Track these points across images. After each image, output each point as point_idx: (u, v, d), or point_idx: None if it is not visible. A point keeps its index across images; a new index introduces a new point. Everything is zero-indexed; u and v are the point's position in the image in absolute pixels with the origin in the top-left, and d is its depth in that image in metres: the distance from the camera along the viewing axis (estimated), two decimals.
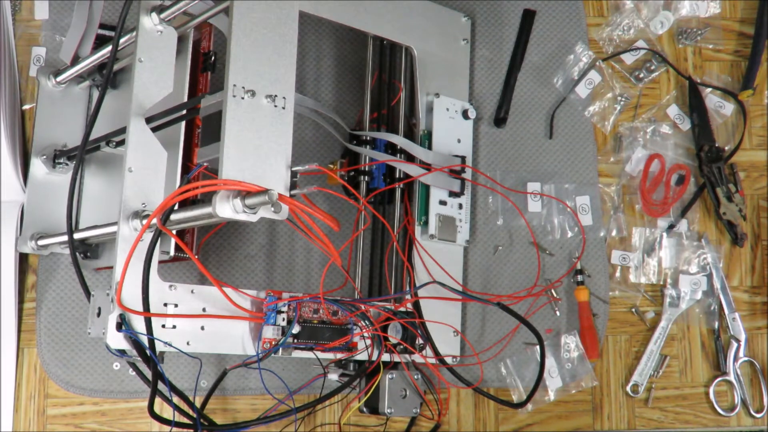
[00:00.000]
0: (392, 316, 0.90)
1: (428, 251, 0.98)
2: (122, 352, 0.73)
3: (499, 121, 1.09)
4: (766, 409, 1.06)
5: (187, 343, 0.76)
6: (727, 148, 1.11)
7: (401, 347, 0.90)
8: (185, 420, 0.76)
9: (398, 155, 0.98)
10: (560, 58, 1.12)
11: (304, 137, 1.04)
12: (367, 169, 0.98)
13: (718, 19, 1.16)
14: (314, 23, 1.07)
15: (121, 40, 0.83)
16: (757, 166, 1.13)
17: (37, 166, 0.95)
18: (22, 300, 0.96)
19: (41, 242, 0.93)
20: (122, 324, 0.71)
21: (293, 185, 0.73)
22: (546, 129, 1.10)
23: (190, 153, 0.84)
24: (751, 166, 1.13)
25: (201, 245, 0.97)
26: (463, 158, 1.00)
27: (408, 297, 0.95)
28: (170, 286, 0.76)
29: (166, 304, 0.75)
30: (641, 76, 1.13)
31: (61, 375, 0.95)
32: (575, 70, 1.12)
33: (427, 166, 0.98)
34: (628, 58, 1.14)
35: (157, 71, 0.78)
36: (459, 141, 1.02)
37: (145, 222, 0.72)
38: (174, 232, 0.78)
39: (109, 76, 0.79)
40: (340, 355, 0.87)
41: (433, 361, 0.95)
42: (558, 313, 1.05)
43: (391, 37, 0.99)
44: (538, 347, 0.98)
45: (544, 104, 1.11)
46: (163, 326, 0.74)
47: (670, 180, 1.10)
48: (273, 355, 0.81)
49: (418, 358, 0.93)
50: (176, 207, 0.72)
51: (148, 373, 0.73)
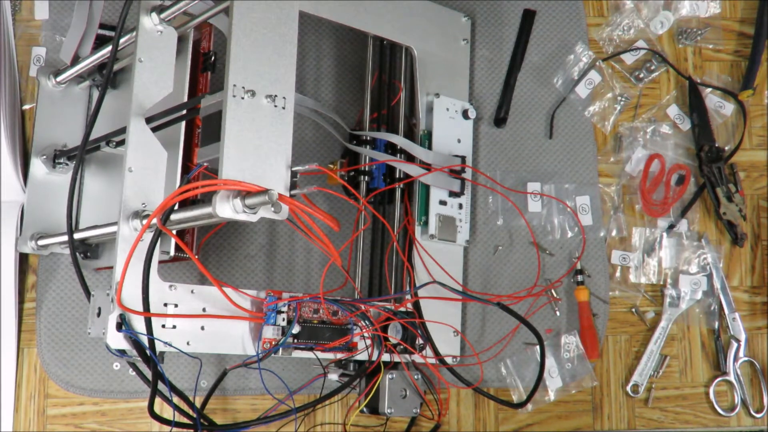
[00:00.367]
0: (392, 316, 0.90)
1: (428, 251, 0.98)
2: (122, 352, 0.73)
3: (499, 121, 1.09)
4: (766, 409, 1.06)
5: (187, 343, 0.76)
6: (727, 148, 1.11)
7: (401, 347, 0.90)
8: (185, 420, 0.76)
9: (398, 155, 0.98)
10: (560, 58, 1.12)
11: (304, 137, 1.04)
12: (367, 169, 0.98)
13: (718, 19, 1.16)
14: (314, 23, 1.07)
15: (121, 40, 0.83)
16: (757, 166, 1.13)
17: (37, 166, 0.95)
18: (22, 300, 0.96)
19: (41, 242, 0.93)
20: (122, 324, 0.71)
21: (293, 185, 0.73)
22: (546, 129, 1.10)
23: (190, 153, 0.84)
24: (751, 166, 1.13)
25: (201, 245, 0.97)
26: (463, 158, 1.00)
27: (408, 297, 0.95)
28: (170, 286, 0.76)
29: (166, 304, 0.75)
30: (641, 76, 1.13)
31: (61, 375, 0.95)
32: (575, 70, 1.12)
33: (427, 166, 0.98)
34: (628, 58, 1.14)
35: (157, 71, 0.78)
36: (459, 141, 1.02)
37: (145, 222, 0.72)
38: (174, 232, 0.78)
39: (109, 76, 0.79)
40: (340, 355, 0.87)
41: (433, 361, 0.95)
42: (558, 313, 1.05)
43: (391, 37, 0.99)
44: (538, 347, 0.98)
45: (544, 104, 1.11)
46: (163, 326, 0.74)
47: (670, 180, 1.10)
48: (273, 355, 0.81)
49: (418, 358, 0.93)
50: (176, 207, 0.72)
51: (148, 373, 0.73)
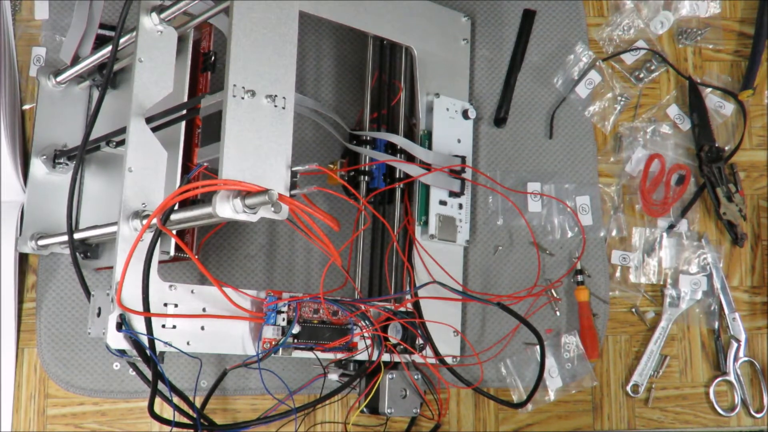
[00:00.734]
0: (392, 316, 0.90)
1: (428, 251, 0.98)
2: (122, 352, 0.73)
3: (499, 121, 1.09)
4: (766, 409, 1.06)
5: (187, 343, 0.76)
6: (727, 148, 1.11)
7: (401, 347, 0.90)
8: (185, 420, 0.76)
9: (398, 155, 0.98)
10: (560, 58, 1.12)
11: (304, 137, 1.04)
12: (367, 169, 0.98)
13: (718, 19, 1.16)
14: (314, 23, 1.07)
15: (121, 40, 0.83)
16: (757, 166, 1.13)
17: (37, 166, 0.95)
18: (22, 300, 0.96)
19: (41, 242, 0.93)
20: (122, 324, 0.71)
21: (293, 185, 0.73)
22: (546, 129, 1.10)
23: (190, 153, 0.84)
24: (751, 166, 1.13)
25: (201, 245, 0.97)
26: (463, 158, 1.00)
27: (408, 297, 0.95)
28: (170, 286, 0.76)
29: (166, 304, 0.75)
30: (641, 76, 1.13)
31: (61, 375, 0.95)
32: (575, 70, 1.12)
33: (427, 166, 0.98)
34: (628, 58, 1.14)
35: (157, 71, 0.78)
36: (459, 141, 1.02)
37: (145, 222, 0.72)
38: (174, 232, 0.78)
39: (109, 76, 0.79)
40: (340, 355, 0.87)
41: (433, 361, 0.95)
42: (558, 313, 1.05)
43: (391, 37, 0.99)
44: (538, 347, 0.98)
45: (544, 104, 1.11)
46: (163, 326, 0.74)
47: (670, 180, 1.10)
48: (273, 355, 0.81)
49: (418, 358, 0.93)
50: (176, 207, 0.72)
51: (148, 373, 0.73)
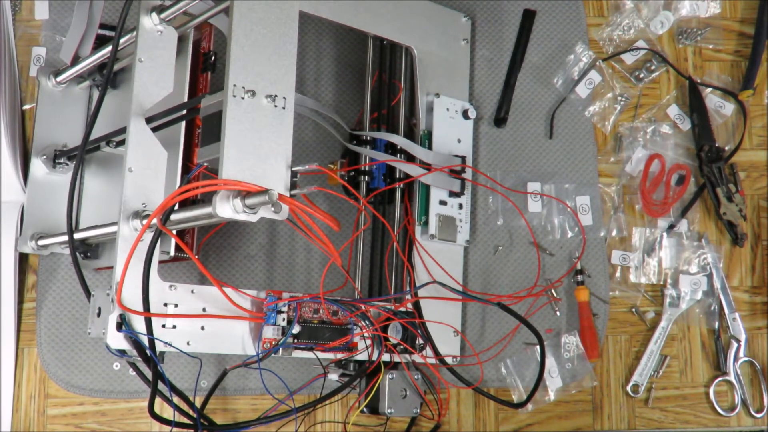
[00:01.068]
0: (392, 316, 0.90)
1: (428, 251, 0.98)
2: (122, 352, 0.73)
3: (499, 121, 1.09)
4: (766, 409, 1.06)
5: (187, 343, 0.76)
6: (727, 148, 1.11)
7: (401, 347, 0.90)
8: (185, 420, 0.76)
9: (398, 155, 0.98)
10: (560, 58, 1.12)
11: (304, 137, 1.04)
12: (367, 169, 0.98)
13: (718, 19, 1.16)
14: (314, 23, 1.07)
15: (121, 40, 0.83)
16: (757, 166, 1.13)
17: (37, 166, 0.95)
18: (22, 300, 0.96)
19: (41, 242, 0.93)
20: (122, 324, 0.71)
21: (293, 185, 0.73)
22: (546, 129, 1.10)
23: (190, 153, 0.84)
24: (751, 166, 1.13)
25: (201, 245, 0.97)
26: (463, 158, 1.00)
27: (408, 297, 0.95)
28: (170, 286, 0.76)
29: (166, 304, 0.75)
30: (641, 76, 1.13)
31: (61, 375, 0.95)
32: (575, 70, 1.12)
33: (427, 166, 0.98)
34: (629, 58, 1.14)
35: (157, 71, 0.78)
36: (459, 141, 1.02)
37: (145, 222, 0.72)
38: (174, 232, 0.78)
39: (109, 76, 0.79)
40: (340, 355, 0.87)
41: (433, 361, 0.95)
42: (558, 313, 1.05)
43: (391, 37, 0.99)
44: (538, 347, 0.98)
45: (544, 104, 1.11)
46: (164, 326, 0.74)
47: (670, 180, 1.10)
48: (273, 355, 0.81)
49: (418, 358, 0.93)
50: (176, 207, 0.72)
51: (148, 373, 0.73)
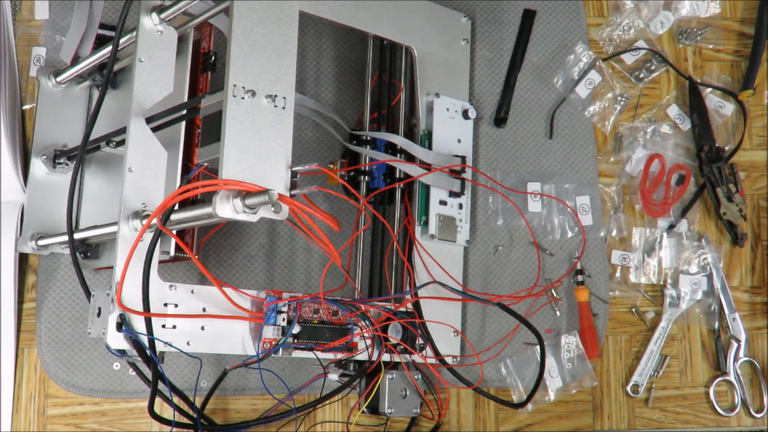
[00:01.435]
0: (392, 316, 0.90)
1: (428, 251, 0.98)
2: (122, 352, 0.73)
3: (499, 121, 1.09)
4: (766, 409, 1.06)
5: (187, 343, 0.76)
6: (727, 148, 1.11)
7: (401, 347, 0.90)
8: (185, 420, 0.76)
9: (398, 155, 0.98)
10: (560, 58, 1.12)
11: (304, 137, 1.04)
12: (367, 169, 0.98)
13: (718, 19, 1.16)
14: (314, 23, 1.07)
15: (121, 40, 0.83)
16: (757, 166, 1.13)
17: (37, 166, 0.95)
18: (22, 300, 0.96)
19: (41, 242, 0.93)
20: (122, 324, 0.71)
21: (293, 185, 0.73)
22: (546, 129, 1.10)
23: (190, 153, 0.84)
24: (751, 166, 1.13)
25: (201, 245, 0.97)
26: (463, 158, 1.00)
27: (408, 297, 0.95)
28: (170, 286, 0.76)
29: (166, 304, 0.75)
30: (641, 76, 1.13)
31: (61, 375, 0.95)
32: (575, 70, 1.12)
33: (427, 166, 0.98)
34: (629, 58, 1.14)
35: (157, 71, 0.78)
36: (459, 141, 1.02)
37: (145, 222, 0.72)
38: (174, 232, 0.78)
39: (109, 76, 0.79)
40: (340, 355, 0.87)
41: (433, 361, 0.95)
42: (558, 313, 1.05)
43: (391, 37, 0.99)
44: (538, 347, 0.98)
45: (544, 104, 1.11)
46: (164, 326, 0.74)
47: (670, 180, 1.10)
48: (273, 355, 0.81)
49: (418, 358, 0.93)
50: (176, 207, 0.72)
51: (148, 373, 0.73)
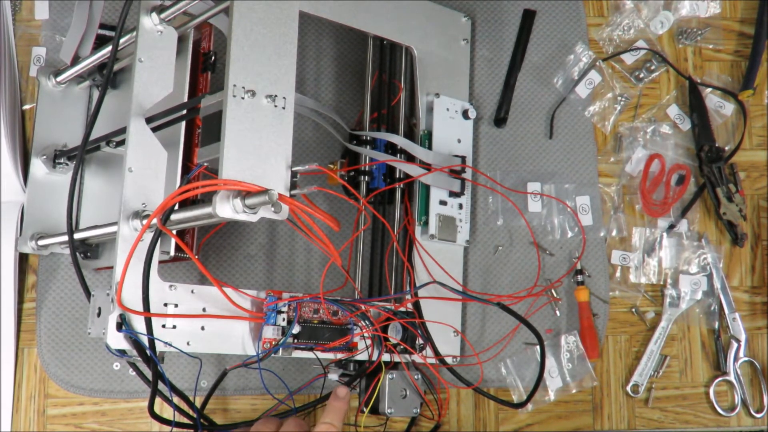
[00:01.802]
0: (392, 316, 0.90)
1: (428, 251, 0.98)
2: (122, 352, 0.73)
3: (499, 121, 1.09)
4: (766, 409, 1.06)
5: (187, 343, 0.76)
6: (727, 148, 1.11)
7: (401, 347, 0.90)
8: (185, 420, 0.76)
9: (398, 155, 0.98)
10: (560, 58, 1.12)
11: (304, 137, 1.04)
12: (367, 169, 0.98)
13: (718, 19, 1.16)
14: (314, 23, 1.07)
15: (121, 40, 0.83)
16: (757, 166, 1.13)
17: (37, 166, 0.95)
18: (22, 300, 0.96)
19: (41, 242, 0.93)
20: (122, 324, 0.71)
21: (293, 185, 0.73)
22: (546, 129, 1.10)
23: (190, 153, 0.84)
24: (751, 166, 1.13)
25: (201, 245, 0.97)
26: (463, 158, 1.00)
27: (408, 297, 0.95)
28: (170, 286, 0.76)
29: (166, 304, 0.75)
30: (641, 76, 1.13)
31: (61, 375, 0.95)
32: (575, 70, 1.12)
33: (427, 166, 0.98)
34: (628, 58, 1.14)
35: (157, 71, 0.78)
36: (459, 141, 1.02)
37: (145, 222, 0.72)
38: (174, 232, 0.78)
39: (109, 76, 0.79)
40: (340, 355, 0.87)
41: (433, 361, 0.95)
42: (558, 313, 1.05)
43: (391, 37, 0.99)
44: (538, 347, 0.98)
45: (544, 104, 1.11)
46: (164, 326, 0.74)
47: (670, 180, 1.10)
48: (273, 355, 0.81)
49: (418, 358, 0.93)
50: (176, 207, 0.72)
51: (148, 373, 0.73)
